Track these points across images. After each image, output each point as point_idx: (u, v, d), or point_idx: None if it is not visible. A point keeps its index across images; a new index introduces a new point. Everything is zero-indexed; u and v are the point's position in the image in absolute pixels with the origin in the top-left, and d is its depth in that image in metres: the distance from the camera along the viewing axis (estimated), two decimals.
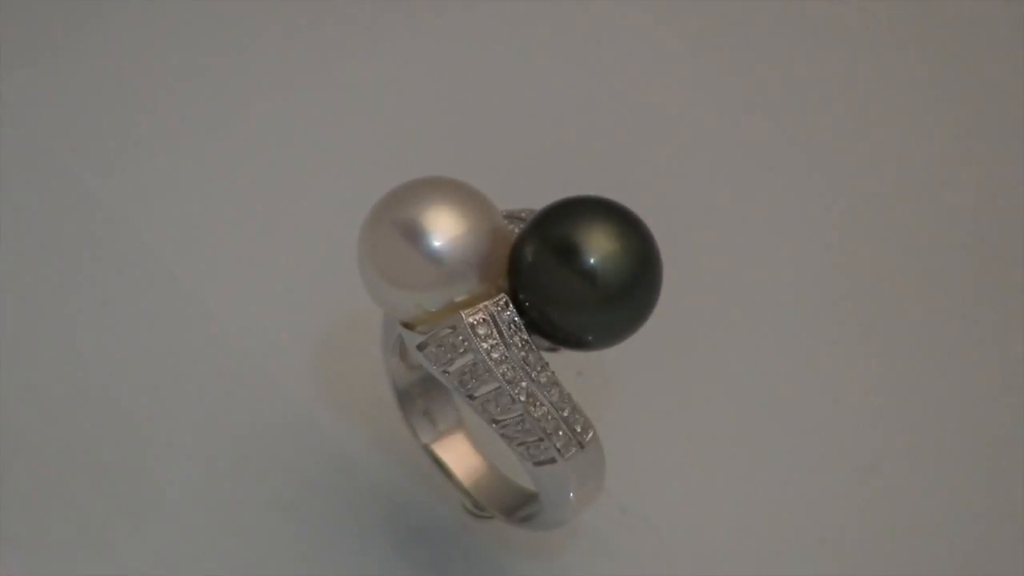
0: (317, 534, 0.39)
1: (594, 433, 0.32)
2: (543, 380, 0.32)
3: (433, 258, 0.31)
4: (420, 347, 0.32)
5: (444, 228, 0.31)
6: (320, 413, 0.42)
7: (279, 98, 0.51)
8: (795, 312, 0.46)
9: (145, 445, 0.41)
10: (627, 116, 0.52)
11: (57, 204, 0.46)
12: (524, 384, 0.32)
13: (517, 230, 0.32)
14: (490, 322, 0.32)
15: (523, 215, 0.33)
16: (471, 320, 0.31)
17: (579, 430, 0.32)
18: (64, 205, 0.46)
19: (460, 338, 0.32)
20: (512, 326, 0.32)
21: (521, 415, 0.32)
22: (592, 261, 0.31)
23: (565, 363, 0.33)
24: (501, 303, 0.32)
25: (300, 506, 0.39)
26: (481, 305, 0.32)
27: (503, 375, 0.32)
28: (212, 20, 0.53)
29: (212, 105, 0.50)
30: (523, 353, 0.32)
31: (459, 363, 0.32)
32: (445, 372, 0.32)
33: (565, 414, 0.32)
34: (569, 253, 0.31)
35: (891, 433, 0.42)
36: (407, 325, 0.33)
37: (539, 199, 0.33)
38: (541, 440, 0.32)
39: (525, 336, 0.32)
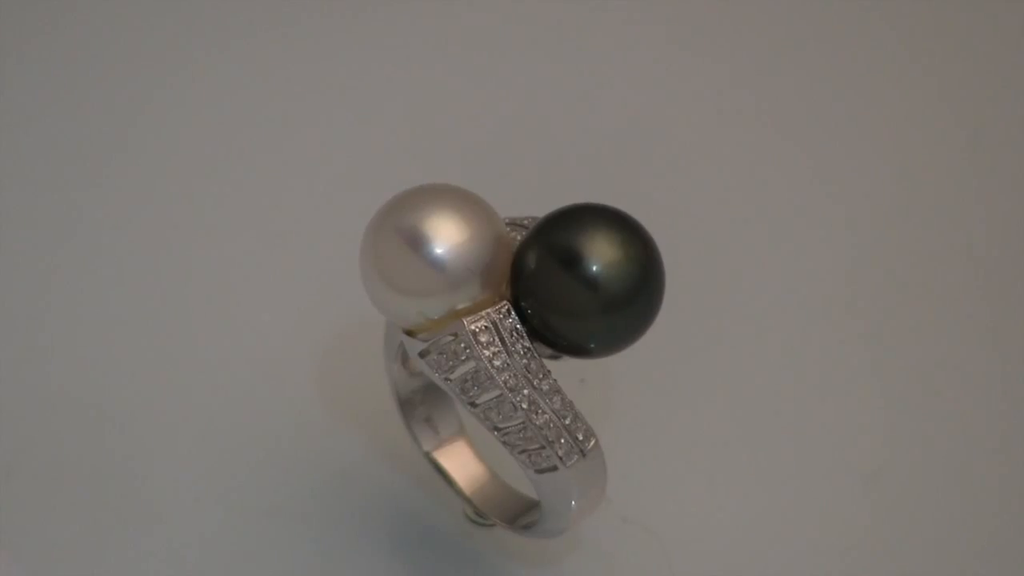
0: (319, 541, 0.39)
1: (596, 441, 0.32)
2: (545, 388, 0.32)
3: (435, 265, 0.31)
4: (422, 354, 0.32)
5: (446, 235, 0.31)
6: (322, 420, 0.42)
7: (284, 105, 0.51)
8: (798, 321, 0.46)
9: (148, 452, 0.40)
10: (631, 124, 0.52)
11: (59, 209, 0.47)
12: (526, 392, 0.32)
13: (519, 237, 0.32)
14: (492, 329, 0.32)
15: (525, 222, 0.33)
16: (473, 327, 0.31)
17: (581, 438, 0.32)
18: (67, 210, 0.47)
19: (462, 345, 0.32)
20: (514, 333, 0.32)
21: (523, 423, 0.32)
22: (594, 269, 0.31)
23: (567, 371, 0.33)
24: (503, 310, 0.32)
25: (301, 513, 0.39)
26: (483, 312, 0.32)
27: (505, 383, 0.31)
28: (219, 27, 0.53)
29: (217, 112, 0.50)
30: (525, 361, 0.32)
31: (461, 370, 0.32)
32: (447, 379, 0.32)
33: (567, 422, 0.32)
34: (571, 261, 0.31)
35: (893, 443, 0.42)
36: (409, 332, 0.33)
37: (542, 206, 0.33)
38: (543, 448, 0.32)
39: (527, 343, 0.32)
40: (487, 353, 0.31)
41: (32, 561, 0.38)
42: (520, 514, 0.38)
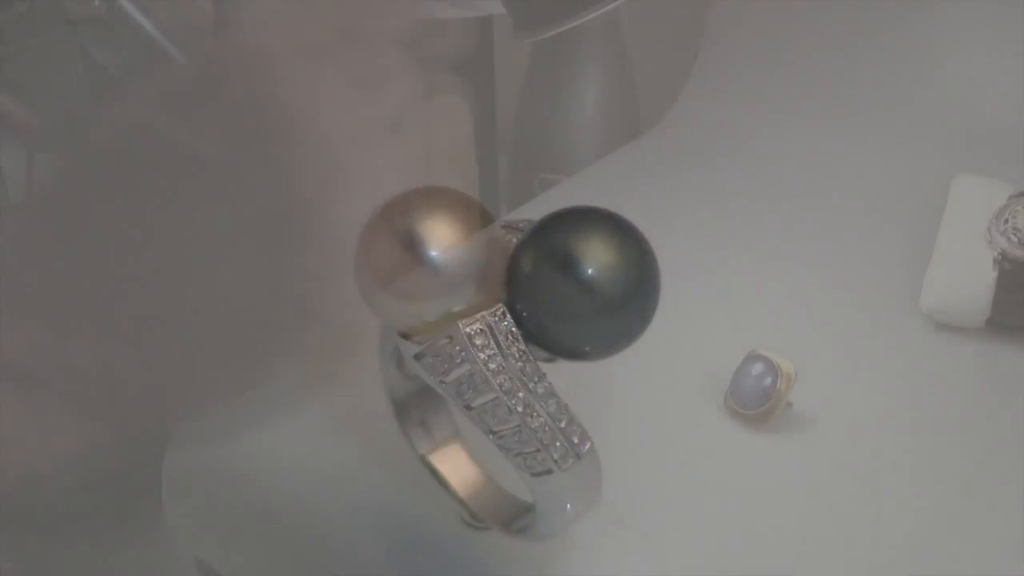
0: (313, 544, 0.39)
1: (591, 444, 0.32)
2: (540, 391, 0.32)
3: (431, 268, 0.31)
4: (417, 357, 0.32)
5: (442, 238, 0.31)
6: (317, 423, 0.42)
7: None
8: (796, 322, 0.46)
9: (145, 453, 0.40)
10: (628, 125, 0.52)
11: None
12: (521, 395, 0.32)
13: (515, 240, 0.32)
14: (487, 332, 0.32)
15: (521, 225, 0.33)
16: (468, 330, 0.31)
17: (576, 441, 0.32)
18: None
19: (457, 348, 0.32)
20: (509, 336, 0.32)
21: (518, 426, 0.32)
22: (590, 272, 0.31)
23: (563, 374, 0.33)
24: (499, 313, 0.32)
25: (296, 516, 0.39)
26: (478, 315, 0.32)
27: (500, 385, 0.31)
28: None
29: None
30: (520, 364, 0.32)
31: (456, 373, 0.32)
32: (442, 382, 0.32)
33: (562, 425, 0.32)
34: (567, 264, 0.31)
35: (893, 446, 0.42)
36: (404, 335, 0.33)
37: (538, 209, 0.33)
38: (538, 451, 0.32)
39: (522, 347, 0.32)
40: (482, 356, 0.31)
41: (32, 561, 0.38)
42: (515, 517, 0.38)
